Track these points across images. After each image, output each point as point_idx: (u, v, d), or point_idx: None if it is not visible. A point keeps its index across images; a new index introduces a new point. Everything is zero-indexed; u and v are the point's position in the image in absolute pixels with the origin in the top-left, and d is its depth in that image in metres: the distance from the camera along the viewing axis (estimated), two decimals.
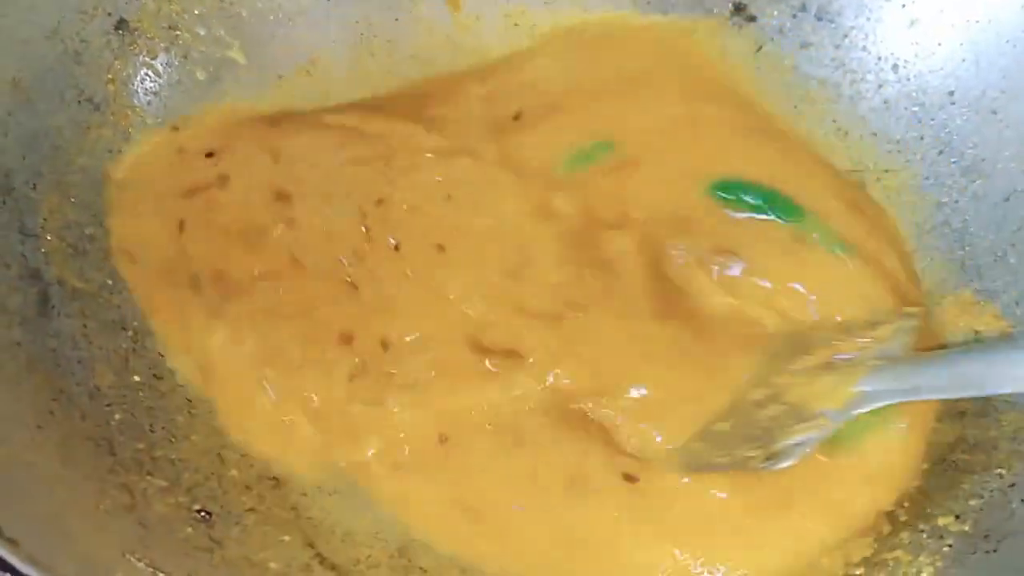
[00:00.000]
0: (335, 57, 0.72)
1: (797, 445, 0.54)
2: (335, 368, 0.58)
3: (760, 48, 0.72)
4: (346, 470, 0.57)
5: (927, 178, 0.68)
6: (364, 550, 0.55)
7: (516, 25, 0.73)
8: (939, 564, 0.53)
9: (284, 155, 0.65)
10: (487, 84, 0.71)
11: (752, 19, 0.72)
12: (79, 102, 0.62)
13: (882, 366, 0.56)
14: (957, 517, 0.55)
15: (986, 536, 0.53)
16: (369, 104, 0.70)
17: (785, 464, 0.54)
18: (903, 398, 0.55)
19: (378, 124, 0.67)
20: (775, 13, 0.72)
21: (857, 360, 0.56)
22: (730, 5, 0.73)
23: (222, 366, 0.58)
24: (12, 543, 0.41)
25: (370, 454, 0.57)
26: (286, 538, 0.54)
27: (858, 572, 0.55)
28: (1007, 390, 0.53)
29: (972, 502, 0.55)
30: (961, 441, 0.58)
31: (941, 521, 0.55)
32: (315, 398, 0.57)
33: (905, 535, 0.55)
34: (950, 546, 0.54)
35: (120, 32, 0.64)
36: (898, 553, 0.54)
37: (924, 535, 0.55)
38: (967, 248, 0.65)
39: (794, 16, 0.72)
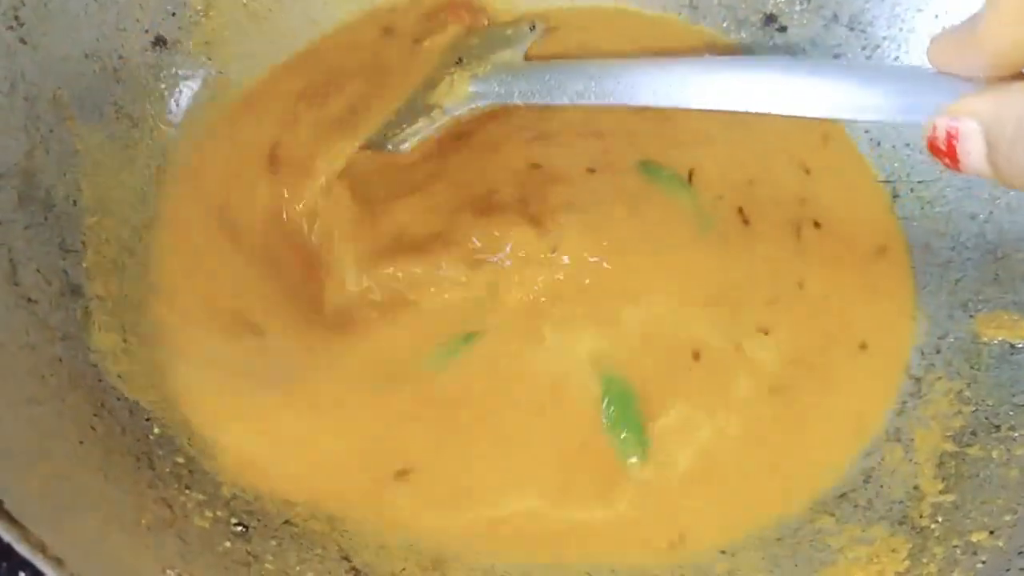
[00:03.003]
0: None
1: (414, 134, 0.66)
2: None
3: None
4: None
5: (960, 189, 0.67)
6: (399, 563, 0.55)
7: None
8: None
9: None
10: None
11: (783, 29, 0.72)
12: (117, 118, 0.63)
13: (495, 70, 0.66)
14: (991, 533, 0.55)
15: (1020, 552, 0.53)
16: None
17: (404, 147, 0.65)
18: (504, 100, 0.64)
19: None
20: (806, 23, 0.72)
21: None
22: (761, 15, 0.73)
23: None
24: (58, 562, 0.42)
25: None
26: (322, 551, 0.55)
27: None
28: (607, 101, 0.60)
29: (1007, 517, 0.55)
30: (995, 455, 0.58)
31: (975, 537, 0.55)
32: None
33: (939, 550, 0.55)
34: (984, 562, 0.53)
35: (157, 48, 0.65)
36: (931, 568, 0.54)
37: (958, 551, 0.54)
38: (1001, 260, 0.65)
39: (825, 26, 0.72)
